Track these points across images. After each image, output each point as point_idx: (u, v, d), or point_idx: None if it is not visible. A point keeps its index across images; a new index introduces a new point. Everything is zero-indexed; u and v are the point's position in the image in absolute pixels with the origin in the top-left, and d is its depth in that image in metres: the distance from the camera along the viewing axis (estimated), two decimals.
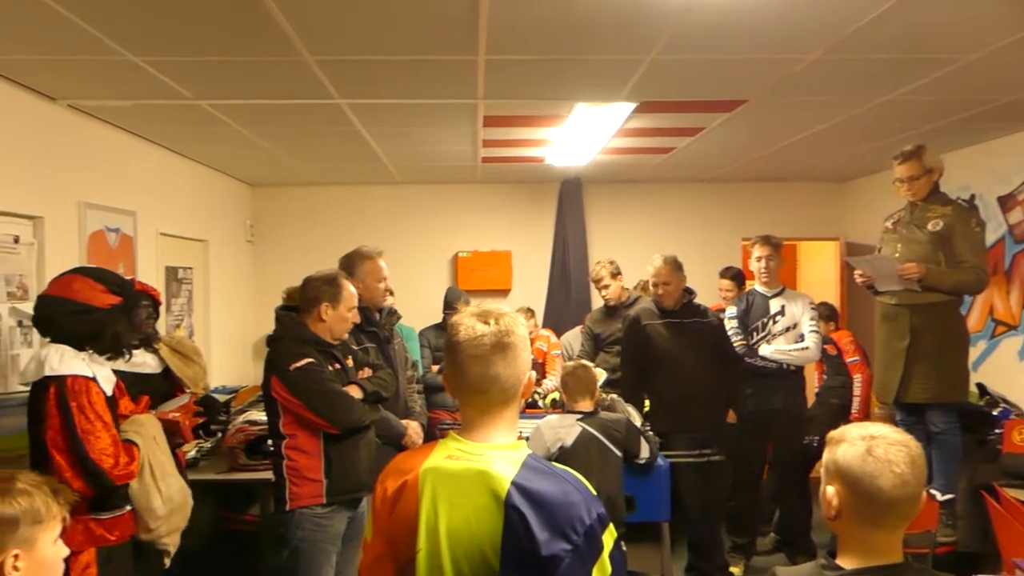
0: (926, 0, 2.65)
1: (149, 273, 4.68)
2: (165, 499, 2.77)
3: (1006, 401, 4.45)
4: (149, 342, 3.16)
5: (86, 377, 2.58)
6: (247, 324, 6.61)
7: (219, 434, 4.18)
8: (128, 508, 2.72)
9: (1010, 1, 2.69)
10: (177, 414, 3.06)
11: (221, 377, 5.80)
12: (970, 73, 3.51)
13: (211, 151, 5.33)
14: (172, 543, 2.84)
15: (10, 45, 3.02)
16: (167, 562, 2.86)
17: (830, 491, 1.51)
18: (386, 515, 1.57)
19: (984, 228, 3.97)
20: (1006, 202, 5.11)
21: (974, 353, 4.71)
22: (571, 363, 3.78)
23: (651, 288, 4.33)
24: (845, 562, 1.49)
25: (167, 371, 3.32)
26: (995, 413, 4.33)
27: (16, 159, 3.48)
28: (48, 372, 2.55)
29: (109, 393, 2.71)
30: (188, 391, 3.36)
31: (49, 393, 2.53)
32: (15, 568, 1.49)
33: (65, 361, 2.57)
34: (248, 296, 6.68)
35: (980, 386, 4.60)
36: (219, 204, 6.09)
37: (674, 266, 4.25)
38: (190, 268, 5.54)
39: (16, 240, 3.48)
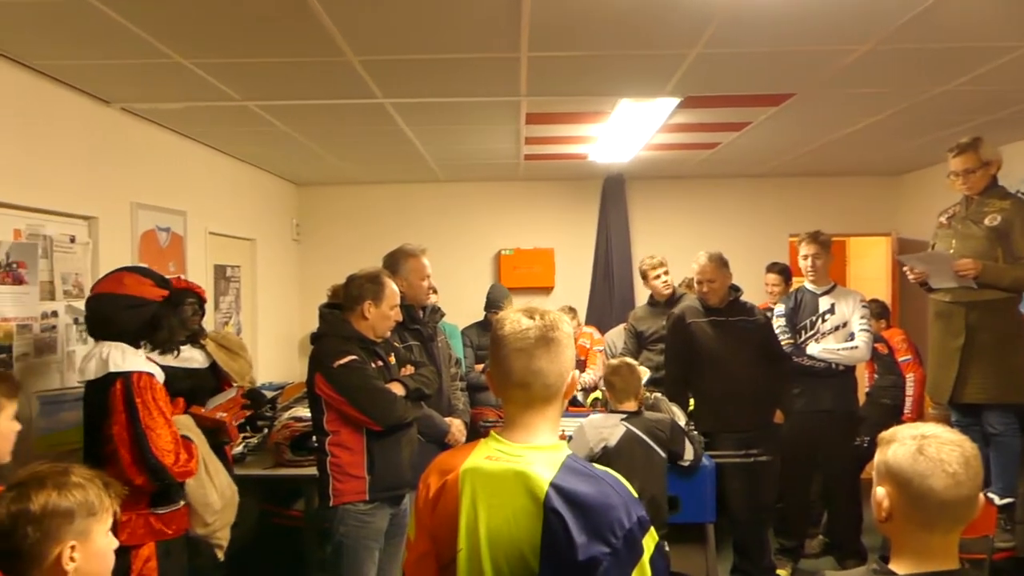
0: None
1: (198, 271, 4.78)
2: (220, 493, 2.83)
3: None
4: (196, 338, 3.22)
5: (150, 374, 2.64)
6: (292, 321, 6.71)
7: (265, 429, 4.25)
8: (184, 503, 2.78)
9: None
10: (224, 414, 3.12)
11: (267, 373, 5.90)
12: None
13: (258, 151, 5.42)
14: (225, 537, 2.91)
15: (67, 51, 3.11)
16: (221, 555, 2.92)
17: (880, 492, 1.47)
18: (429, 514, 1.58)
19: None
20: None
21: None
22: (615, 361, 3.74)
23: (696, 286, 4.27)
24: (898, 566, 1.45)
25: (214, 366, 3.38)
26: None
27: (72, 161, 3.58)
28: (113, 368, 2.61)
29: None
30: (235, 385, 3.42)
31: (115, 389, 2.59)
32: (71, 559, 1.52)
33: (128, 358, 2.65)
34: (293, 294, 6.78)
35: None
36: (266, 203, 6.19)
37: (719, 263, 4.19)
38: (238, 266, 5.64)
39: (72, 240, 3.58)
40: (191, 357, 3.24)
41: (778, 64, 3.44)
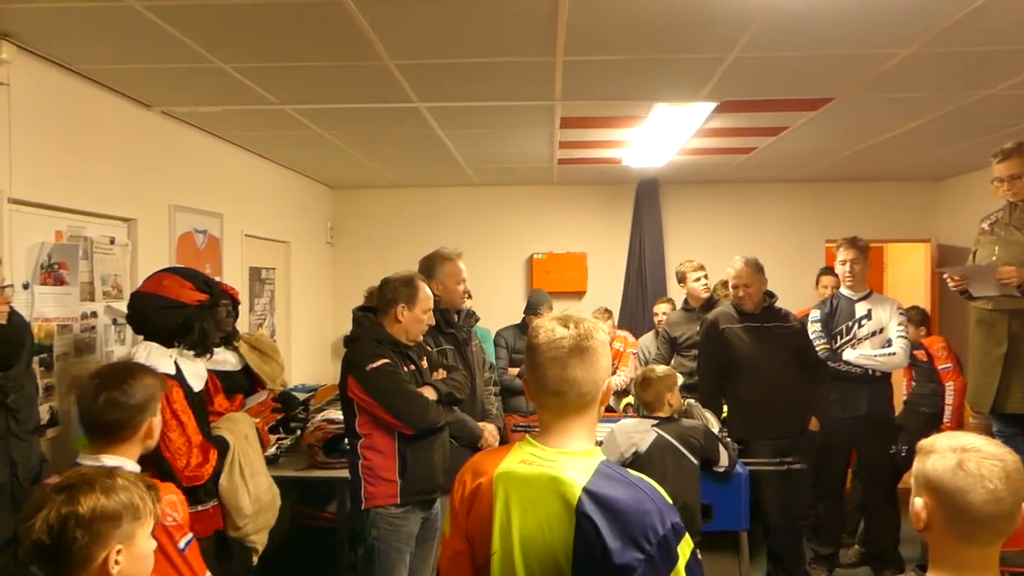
0: None
1: (234, 273, 4.84)
2: (253, 498, 2.83)
3: None
4: (229, 340, 3.25)
5: (166, 375, 2.66)
6: (326, 324, 6.77)
7: (298, 431, 4.29)
8: (213, 503, 2.79)
9: None
10: (256, 419, 3.14)
11: (300, 376, 5.96)
12: None
13: (294, 155, 5.48)
14: (260, 541, 2.91)
15: (111, 55, 3.17)
16: (255, 559, 2.93)
17: (919, 503, 1.45)
18: (464, 515, 1.60)
19: None
20: None
21: None
22: (649, 367, 3.71)
23: (731, 290, 4.22)
24: None
25: (247, 368, 3.42)
26: None
27: (113, 164, 3.65)
28: None
29: (197, 389, 2.81)
30: (267, 388, 3.45)
31: None
32: (116, 562, 1.53)
33: (150, 358, 2.67)
34: (327, 296, 6.84)
35: None
36: (300, 206, 6.26)
37: (755, 268, 4.14)
38: (272, 269, 5.70)
39: (112, 241, 3.65)
40: (224, 360, 3.27)
41: (817, 68, 3.40)
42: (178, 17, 2.73)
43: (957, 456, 1.40)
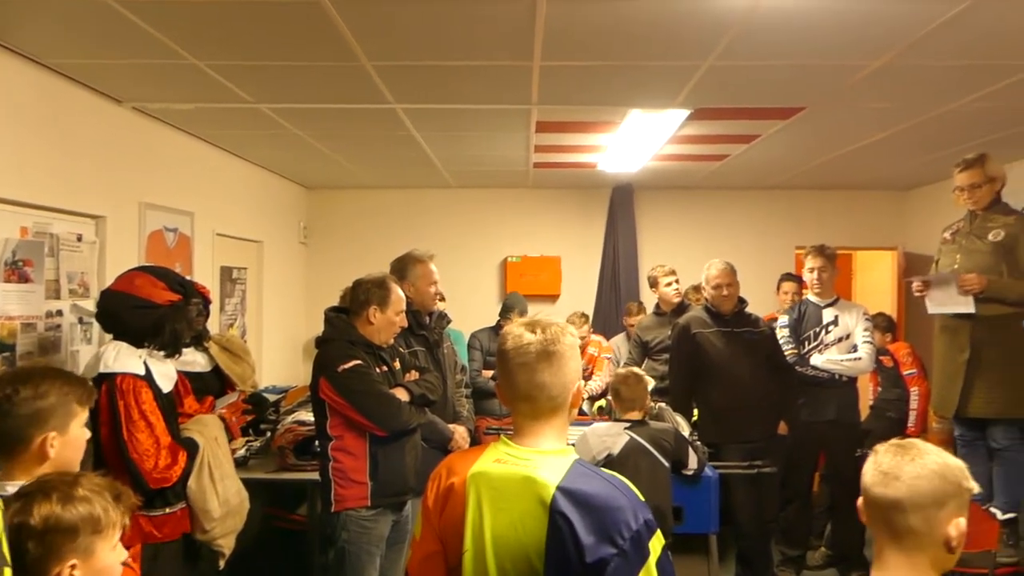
0: (996, 4, 2.56)
1: (204, 273, 4.79)
2: (222, 501, 2.79)
3: None
4: (200, 340, 3.21)
5: (135, 376, 2.62)
6: (298, 325, 6.72)
7: (268, 433, 4.25)
8: (181, 506, 2.75)
9: None
10: (224, 411, 3.11)
11: (272, 377, 5.90)
12: None
13: (268, 154, 5.44)
14: (227, 545, 2.87)
15: (82, 50, 3.12)
16: (222, 563, 2.89)
17: (860, 500, 1.51)
18: (437, 515, 1.60)
19: None
20: None
21: None
22: (623, 371, 3.74)
23: (712, 290, 4.20)
24: None
25: (217, 369, 3.38)
26: None
27: (82, 160, 3.59)
28: (103, 369, 2.61)
29: (167, 390, 2.77)
30: (237, 389, 3.42)
31: (102, 391, 2.58)
32: None
33: (119, 359, 2.63)
34: (299, 297, 6.79)
35: None
36: (274, 206, 6.21)
37: (733, 270, 4.21)
38: (244, 268, 5.65)
39: (79, 239, 3.59)
40: (193, 360, 3.23)
41: (789, 78, 3.45)
42: (153, 13, 2.70)
43: (881, 449, 1.46)
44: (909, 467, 1.40)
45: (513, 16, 2.72)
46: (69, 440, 1.86)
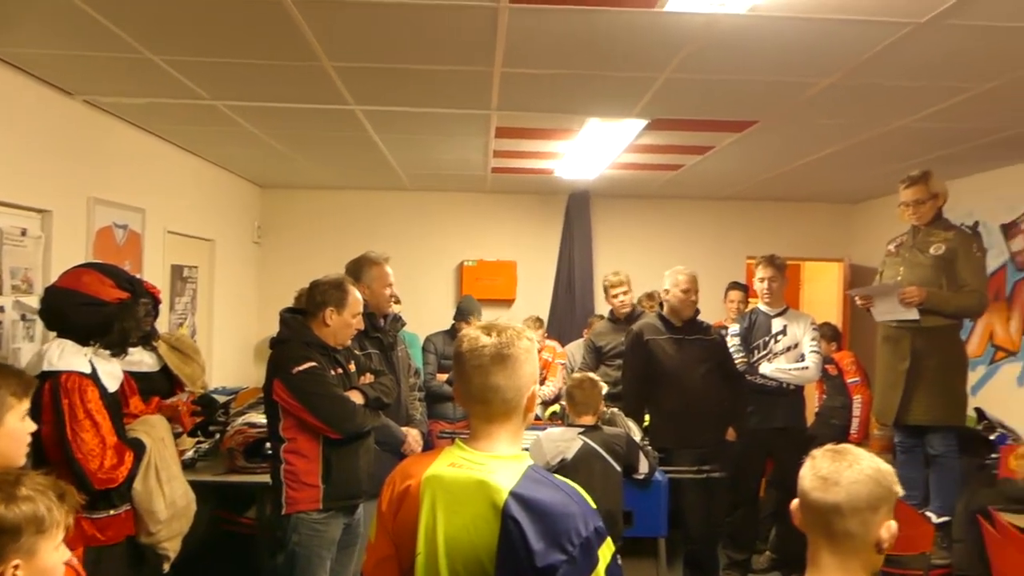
0: (941, 29, 2.67)
1: (155, 271, 4.70)
2: (168, 503, 2.74)
3: (1003, 426, 4.46)
4: (148, 339, 3.14)
5: (81, 374, 2.56)
6: (250, 325, 6.62)
7: (217, 435, 4.18)
8: (126, 508, 2.69)
9: (1020, 35, 2.70)
10: (176, 402, 3.05)
11: (222, 378, 5.81)
12: (982, 102, 3.53)
13: (223, 151, 5.36)
14: (172, 548, 2.81)
15: (31, 39, 3.04)
16: (166, 567, 2.84)
17: (795, 503, 1.55)
18: (392, 518, 1.61)
19: (985, 254, 4.00)
20: (1009, 230, 5.13)
21: (973, 378, 4.74)
22: (578, 375, 3.78)
23: (681, 294, 4.22)
24: None
25: (166, 369, 3.32)
26: (992, 438, 4.34)
27: (30, 152, 3.50)
28: (46, 367, 2.54)
29: (112, 389, 2.71)
30: (187, 390, 3.35)
31: (45, 389, 2.52)
32: None
33: (64, 357, 2.56)
34: (252, 297, 6.69)
35: (978, 410, 4.61)
36: (227, 204, 6.11)
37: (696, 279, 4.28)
38: (195, 267, 5.55)
39: (23, 233, 3.49)
40: (141, 360, 3.16)
41: (744, 92, 3.53)
42: (109, 5, 2.65)
43: (819, 454, 1.51)
44: (847, 472, 1.45)
45: (475, 23, 2.74)
46: (6, 432, 1.83)
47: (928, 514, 3.96)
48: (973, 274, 3.86)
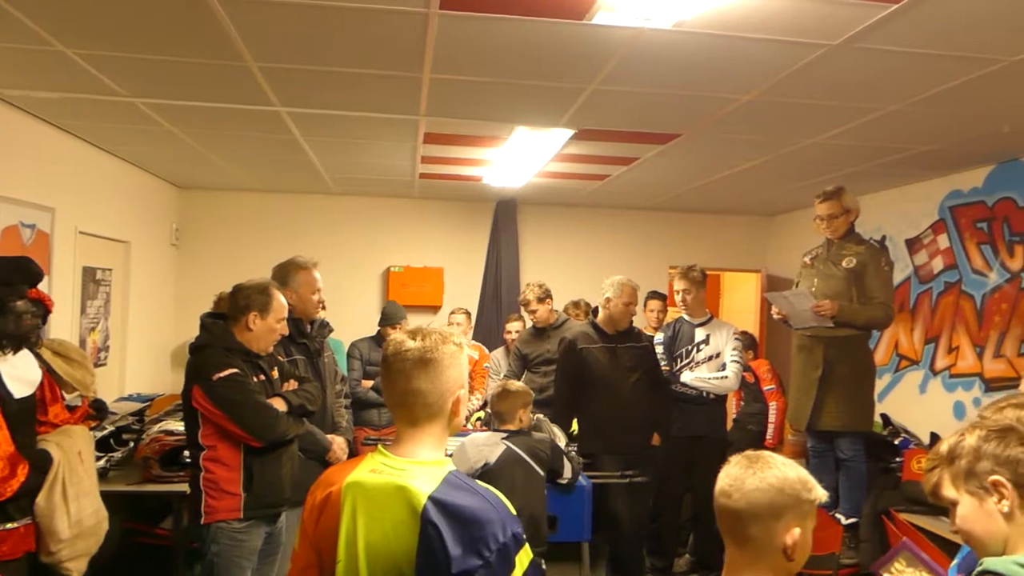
0: (852, 52, 2.81)
1: (65, 273, 4.50)
2: (73, 522, 2.61)
3: (907, 431, 4.70)
4: (22, 343, 2.96)
5: None
6: (167, 330, 6.40)
7: (131, 443, 4.03)
8: (26, 522, 2.56)
9: (925, 60, 2.87)
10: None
11: (137, 384, 5.60)
12: (889, 122, 3.72)
13: (140, 150, 5.17)
14: (76, 569, 2.68)
15: None
16: None
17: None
18: (313, 525, 1.60)
19: (892, 267, 4.21)
20: (913, 244, 5.42)
21: (879, 385, 4.96)
22: (503, 383, 3.80)
23: (623, 307, 4.27)
24: None
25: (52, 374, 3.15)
26: (897, 442, 4.56)
27: None
28: None
29: (20, 395, 2.58)
30: (76, 394, 3.20)
31: None
32: None
33: None
34: (169, 301, 6.47)
35: (884, 416, 4.84)
36: (144, 205, 5.90)
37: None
38: (109, 269, 5.34)
39: None
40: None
41: (667, 105, 3.63)
42: None
43: (732, 461, 1.56)
44: (750, 480, 1.50)
45: (405, 28, 2.73)
46: None
47: (838, 516, 4.13)
48: (881, 287, 4.06)
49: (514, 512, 1.56)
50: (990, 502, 1.48)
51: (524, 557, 1.51)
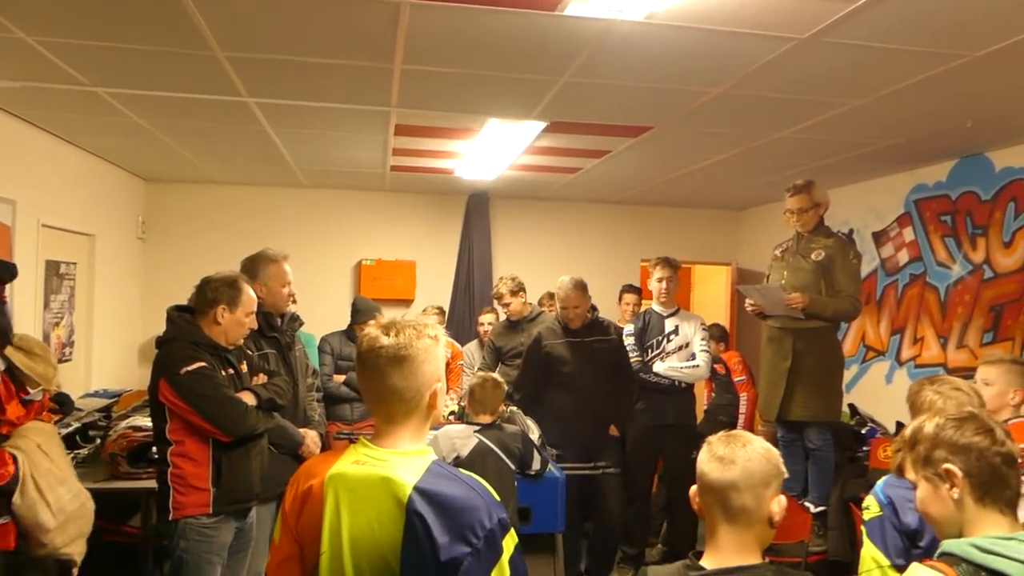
0: (820, 46, 2.84)
1: (27, 266, 4.41)
2: (55, 510, 2.60)
3: (874, 421, 4.78)
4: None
5: None
6: (134, 325, 6.30)
7: (98, 440, 3.96)
8: (3, 520, 2.53)
9: (890, 55, 2.91)
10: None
11: (103, 380, 5.51)
12: (855, 117, 3.77)
13: (105, 142, 5.08)
14: (77, 552, 2.70)
15: None
16: (75, 572, 2.69)
17: (692, 489, 1.65)
18: (295, 517, 1.58)
19: (860, 260, 4.28)
20: (879, 238, 5.50)
21: (847, 376, 5.05)
22: (480, 375, 3.80)
23: (561, 310, 4.36)
24: (706, 561, 1.59)
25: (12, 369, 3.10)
26: (864, 432, 4.65)
27: None
28: None
29: None
30: (40, 389, 3.15)
31: None
32: None
33: None
34: (136, 295, 6.37)
35: (851, 406, 4.92)
36: (109, 197, 5.80)
37: (581, 289, 4.30)
38: (74, 263, 5.24)
39: None
40: None
41: (639, 98, 3.64)
42: None
43: (712, 440, 1.63)
44: (741, 452, 1.58)
45: (376, 18, 2.71)
46: None
47: (806, 504, 4.20)
48: (849, 280, 4.12)
49: (498, 498, 1.56)
50: (943, 488, 1.53)
51: (510, 542, 1.51)
